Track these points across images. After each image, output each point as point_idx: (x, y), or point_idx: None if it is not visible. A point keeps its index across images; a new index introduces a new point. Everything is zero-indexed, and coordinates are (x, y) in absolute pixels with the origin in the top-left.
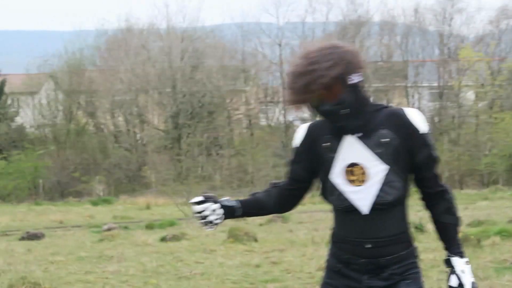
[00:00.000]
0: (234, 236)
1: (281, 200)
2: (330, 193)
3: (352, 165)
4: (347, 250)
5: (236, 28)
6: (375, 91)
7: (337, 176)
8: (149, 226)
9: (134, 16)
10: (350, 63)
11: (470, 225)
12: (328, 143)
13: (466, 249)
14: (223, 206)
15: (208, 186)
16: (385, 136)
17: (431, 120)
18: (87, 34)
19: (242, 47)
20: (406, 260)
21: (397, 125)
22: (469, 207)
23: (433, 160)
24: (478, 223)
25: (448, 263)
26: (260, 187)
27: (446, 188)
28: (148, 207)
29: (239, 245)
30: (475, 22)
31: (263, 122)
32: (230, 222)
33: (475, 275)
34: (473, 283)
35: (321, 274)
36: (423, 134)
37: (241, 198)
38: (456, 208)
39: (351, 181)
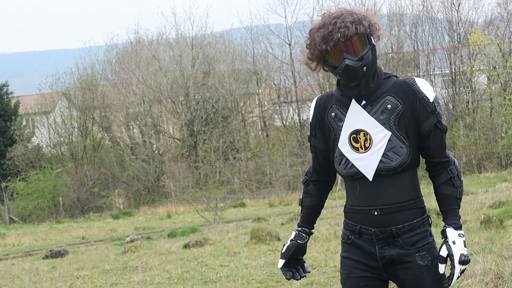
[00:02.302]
0: (257, 237)
1: (322, 188)
2: (338, 162)
3: (356, 132)
4: (357, 220)
5: (245, 31)
6: None
7: (343, 144)
8: (172, 235)
9: (143, 28)
10: (371, 25)
11: (492, 206)
12: (334, 113)
13: (489, 230)
14: (299, 247)
15: (227, 190)
16: (389, 103)
17: (445, 107)
18: (97, 49)
19: (252, 50)
20: (418, 229)
21: (404, 93)
22: (489, 189)
23: (440, 129)
24: (500, 204)
25: (443, 233)
26: (279, 188)
27: (450, 159)
28: (169, 216)
29: (262, 246)
30: (483, 6)
31: (277, 122)
32: (252, 224)
33: (500, 255)
34: (462, 254)
35: None
36: (432, 103)
37: (300, 215)
38: (459, 180)
39: (356, 148)
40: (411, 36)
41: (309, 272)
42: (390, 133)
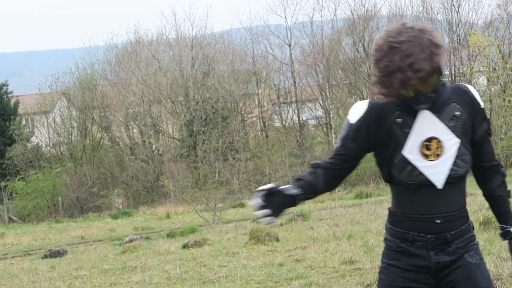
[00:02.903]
0: (256, 238)
1: (328, 181)
2: (400, 169)
3: (429, 139)
4: (412, 228)
5: (245, 32)
6: None
7: (410, 151)
8: (171, 235)
9: (143, 28)
10: (439, 48)
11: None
12: (401, 119)
13: (488, 232)
14: (286, 196)
15: (226, 190)
16: (456, 109)
17: None
18: (97, 49)
19: (252, 50)
20: (466, 234)
21: (464, 99)
22: None
23: (490, 134)
24: None
25: (506, 234)
26: None
27: (499, 162)
28: (168, 216)
29: (261, 246)
30: (483, 7)
31: (277, 123)
32: (251, 224)
33: (498, 256)
34: None
35: (344, 267)
36: (483, 109)
37: (295, 184)
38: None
39: (426, 156)
40: None
41: (273, 223)
42: (459, 140)
